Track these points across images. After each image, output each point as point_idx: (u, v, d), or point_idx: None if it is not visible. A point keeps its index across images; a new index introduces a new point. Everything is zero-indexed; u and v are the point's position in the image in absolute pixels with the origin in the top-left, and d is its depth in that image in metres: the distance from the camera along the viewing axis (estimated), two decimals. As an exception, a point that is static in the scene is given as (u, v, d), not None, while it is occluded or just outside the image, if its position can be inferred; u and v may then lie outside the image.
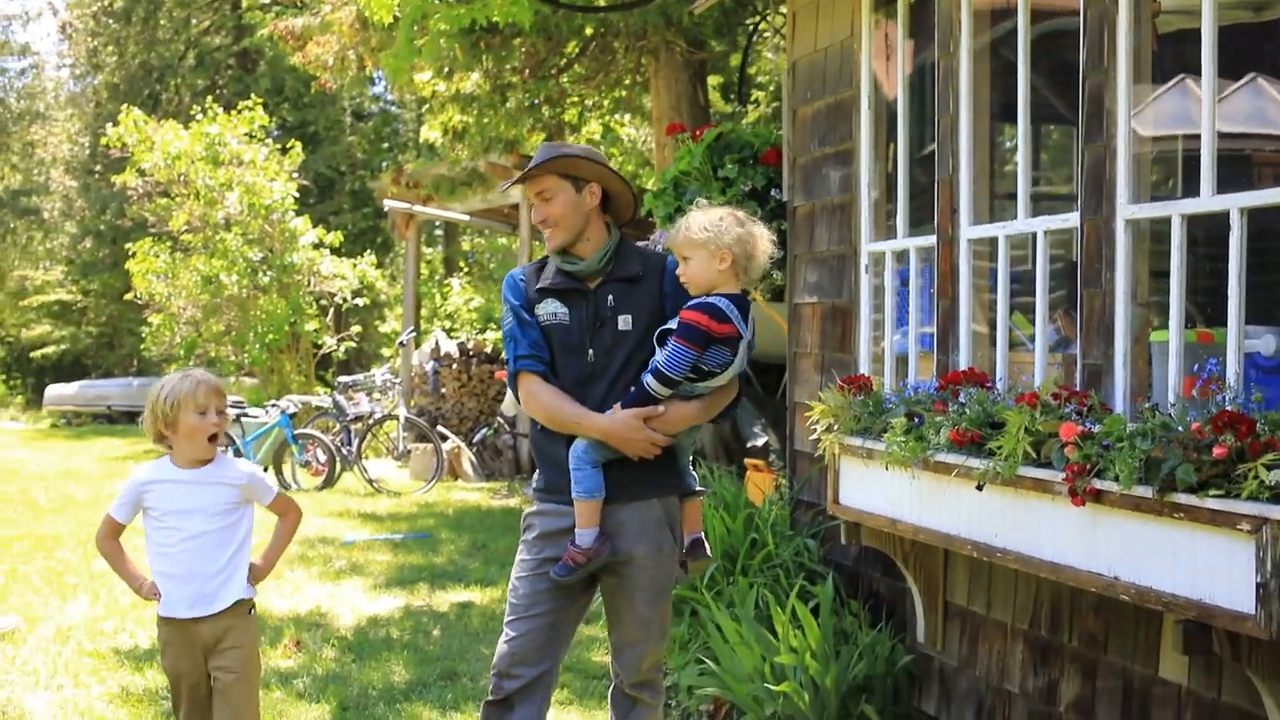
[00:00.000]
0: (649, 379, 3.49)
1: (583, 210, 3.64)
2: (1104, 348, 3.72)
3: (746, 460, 9.91)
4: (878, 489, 4.43)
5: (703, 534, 3.87)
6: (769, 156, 6.15)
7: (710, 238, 3.47)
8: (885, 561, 5.02)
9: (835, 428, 4.57)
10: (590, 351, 3.64)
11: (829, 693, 4.61)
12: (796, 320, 5.83)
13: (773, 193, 6.12)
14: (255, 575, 3.87)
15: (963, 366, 4.49)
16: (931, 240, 4.70)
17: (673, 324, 3.54)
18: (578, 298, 3.68)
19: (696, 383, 3.54)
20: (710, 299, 3.50)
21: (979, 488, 3.69)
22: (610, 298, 3.66)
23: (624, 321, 3.65)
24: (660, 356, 3.50)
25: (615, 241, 3.72)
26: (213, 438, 3.78)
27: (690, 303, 3.52)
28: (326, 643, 6.18)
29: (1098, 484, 3.24)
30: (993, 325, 4.57)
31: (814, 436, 4.72)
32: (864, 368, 5.21)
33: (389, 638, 6.30)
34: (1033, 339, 4.96)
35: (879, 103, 5.16)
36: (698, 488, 3.83)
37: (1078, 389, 3.73)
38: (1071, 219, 3.94)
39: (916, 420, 4.12)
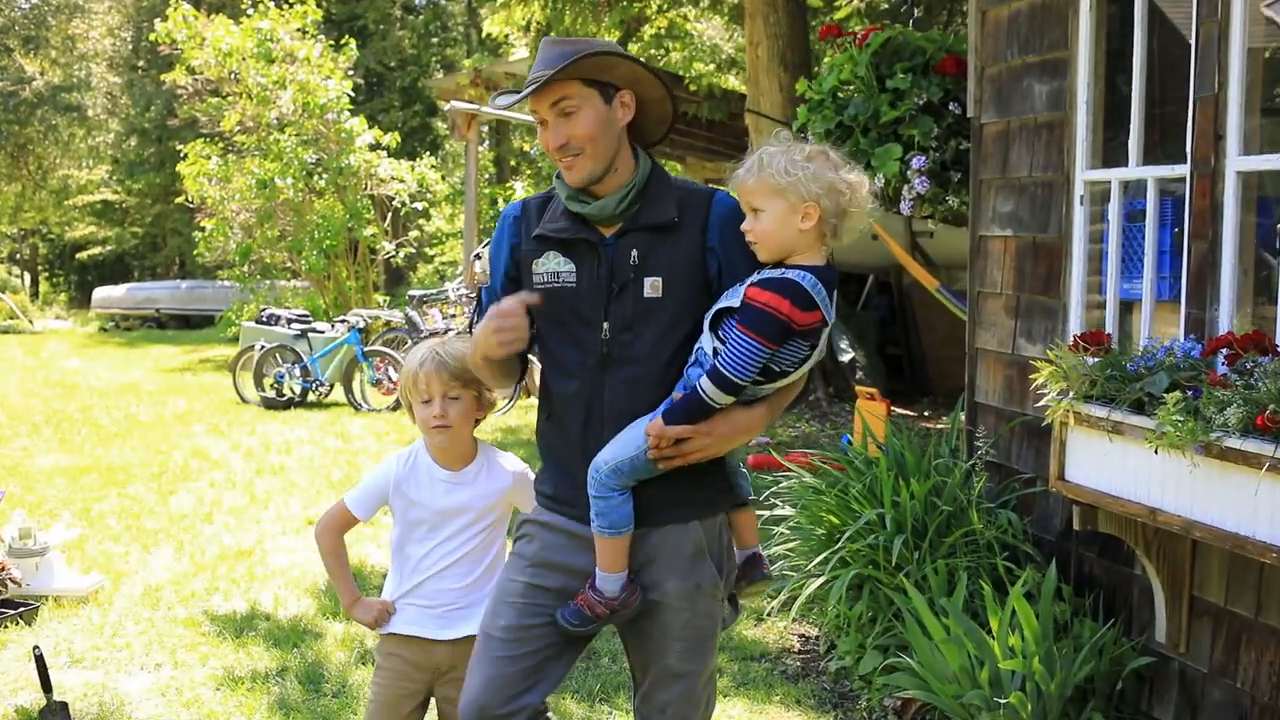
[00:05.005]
0: (707, 385, 2.57)
1: (615, 129, 2.72)
2: None
3: (858, 389, 9.24)
4: (1125, 469, 3.73)
5: (759, 547, 3.00)
6: (946, 65, 5.38)
7: (793, 183, 2.56)
8: (1103, 541, 4.35)
9: (1070, 393, 3.86)
10: (605, 326, 2.72)
11: (1052, 699, 3.98)
12: (982, 255, 5.09)
13: (951, 107, 5.36)
14: None
15: (1224, 324, 3.78)
16: (1178, 170, 3.95)
17: (730, 301, 2.62)
18: (588, 251, 2.75)
19: (763, 384, 2.66)
20: (791, 275, 2.56)
21: (1311, 491, 3.00)
22: (634, 253, 2.71)
23: (651, 286, 2.71)
24: (717, 349, 2.60)
25: (644, 174, 2.76)
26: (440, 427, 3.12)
27: (762, 277, 2.60)
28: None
29: None
30: (1261, 271, 3.84)
31: (1041, 403, 4.01)
32: (1074, 316, 4.50)
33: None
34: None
35: (1104, 2, 4.37)
36: (750, 494, 2.92)
37: None
38: (1404, 152, 3.19)
39: (1192, 393, 3.41)
